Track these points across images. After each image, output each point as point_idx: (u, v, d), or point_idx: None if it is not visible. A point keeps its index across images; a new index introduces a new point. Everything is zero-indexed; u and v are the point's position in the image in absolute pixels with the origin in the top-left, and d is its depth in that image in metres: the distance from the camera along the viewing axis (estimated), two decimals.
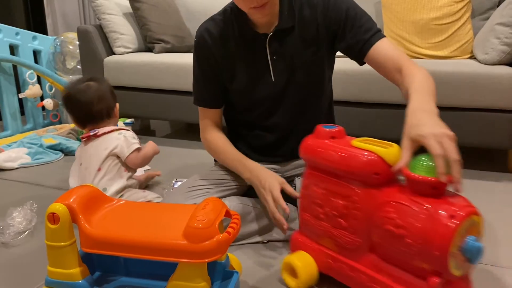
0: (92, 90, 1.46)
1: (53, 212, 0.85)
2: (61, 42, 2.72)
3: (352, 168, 0.89)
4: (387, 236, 0.84)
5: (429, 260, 0.78)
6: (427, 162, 0.81)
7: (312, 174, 1.01)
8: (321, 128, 0.99)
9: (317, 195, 0.99)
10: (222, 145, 1.30)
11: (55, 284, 0.88)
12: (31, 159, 2.03)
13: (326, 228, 0.98)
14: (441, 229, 0.76)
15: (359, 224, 0.90)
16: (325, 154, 0.94)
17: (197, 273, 0.81)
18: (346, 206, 0.92)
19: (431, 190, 0.80)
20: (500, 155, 2.03)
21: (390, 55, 1.12)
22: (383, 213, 0.85)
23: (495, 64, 1.78)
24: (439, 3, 2.02)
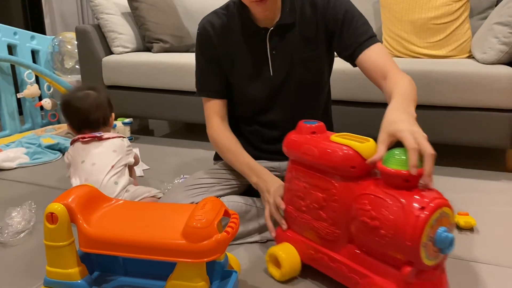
0: (91, 99, 1.52)
1: (52, 212, 0.85)
2: (59, 42, 2.72)
3: (330, 162, 0.93)
4: (363, 228, 0.88)
5: (401, 250, 0.81)
6: (400, 156, 0.83)
7: (294, 168, 1.05)
8: (303, 124, 1.03)
9: (299, 188, 1.03)
10: (229, 144, 1.29)
11: (54, 284, 0.88)
12: (30, 159, 2.02)
13: (308, 220, 1.01)
14: (412, 220, 0.79)
15: (337, 216, 0.94)
16: (305, 149, 0.98)
17: (196, 272, 0.81)
18: (325, 199, 0.96)
19: (403, 183, 0.83)
20: (498, 154, 2.04)
21: (379, 61, 1.16)
22: (359, 205, 0.88)
23: (493, 64, 1.78)
24: (437, 2, 2.02)
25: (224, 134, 1.30)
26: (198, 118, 2.28)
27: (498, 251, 1.20)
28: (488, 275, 1.09)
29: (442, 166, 1.88)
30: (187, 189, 1.25)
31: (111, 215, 0.91)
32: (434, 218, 0.80)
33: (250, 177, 1.23)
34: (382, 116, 1.44)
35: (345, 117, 1.79)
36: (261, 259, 1.16)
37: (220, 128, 1.30)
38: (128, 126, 2.38)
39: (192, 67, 2.19)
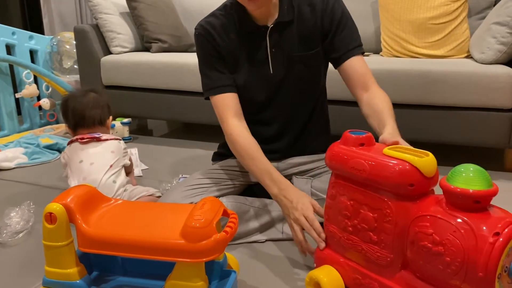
0: (89, 98, 1.55)
1: (50, 212, 0.85)
2: (58, 42, 2.72)
3: (385, 178, 0.82)
4: (423, 253, 0.78)
5: (471, 282, 0.72)
6: (467, 173, 0.75)
7: (339, 183, 0.94)
8: (349, 134, 0.93)
9: (344, 206, 0.92)
10: (249, 148, 1.20)
11: (53, 284, 0.88)
12: (28, 159, 2.02)
13: (355, 242, 0.91)
14: (486, 248, 0.69)
15: (391, 239, 0.84)
16: (354, 163, 0.88)
17: (194, 272, 0.81)
18: (377, 219, 0.86)
19: (472, 204, 0.74)
20: (497, 154, 2.04)
21: (361, 72, 1.23)
22: (419, 228, 0.79)
23: (491, 63, 1.78)
24: (435, 2, 2.03)
25: (243, 135, 1.21)
26: (196, 118, 2.29)
27: None
28: None
29: (440, 166, 1.87)
30: (186, 189, 1.25)
31: (110, 215, 0.91)
32: (510, 245, 0.70)
33: (271, 188, 1.14)
34: None
35: (343, 117, 1.79)
36: (259, 259, 1.17)
37: (239, 128, 1.22)
38: (126, 126, 2.38)
39: (190, 67, 2.20)
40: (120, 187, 1.39)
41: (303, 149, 1.37)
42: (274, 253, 1.20)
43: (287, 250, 1.21)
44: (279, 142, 1.34)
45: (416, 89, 1.81)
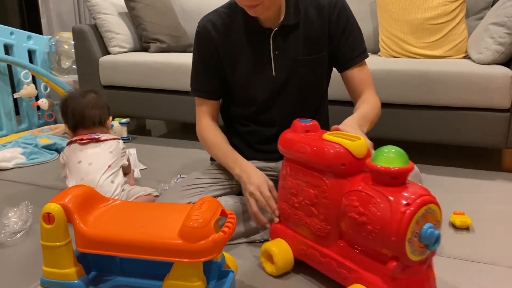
0: (89, 98, 1.56)
1: (48, 212, 0.85)
2: (56, 42, 2.72)
3: (322, 159, 0.95)
4: (352, 223, 0.90)
5: (387, 246, 0.83)
6: (388, 153, 0.85)
7: (288, 165, 1.07)
8: (297, 122, 1.06)
9: (292, 185, 1.05)
10: (216, 140, 1.31)
11: (51, 284, 0.88)
12: (26, 159, 2.02)
13: (301, 217, 1.04)
14: (397, 216, 0.81)
15: (328, 212, 0.96)
16: (298, 147, 1.01)
17: (192, 272, 0.81)
18: (316, 195, 0.98)
19: (391, 180, 0.85)
20: (494, 154, 2.05)
21: (360, 80, 1.28)
22: (348, 201, 0.91)
23: (489, 64, 1.79)
24: (433, 3, 2.03)
25: (212, 130, 1.32)
26: (195, 118, 2.29)
27: (494, 251, 1.20)
28: (484, 274, 1.09)
29: (437, 166, 1.89)
30: (184, 189, 1.25)
31: (108, 215, 0.91)
32: (420, 214, 0.81)
33: (234, 169, 1.24)
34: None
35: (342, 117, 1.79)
36: (258, 259, 1.17)
37: (210, 125, 1.32)
38: (125, 126, 2.38)
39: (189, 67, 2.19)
40: (118, 187, 1.39)
41: None
42: None
43: None
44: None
45: (414, 89, 1.81)
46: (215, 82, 1.30)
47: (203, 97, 1.32)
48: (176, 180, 1.67)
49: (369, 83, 1.29)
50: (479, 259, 1.16)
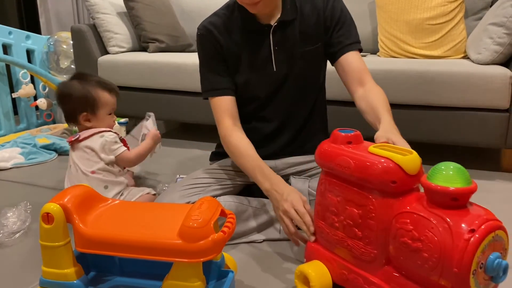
0: (65, 87, 1.40)
1: (48, 212, 0.84)
2: (55, 42, 2.71)
3: (369, 175, 0.84)
4: (404, 249, 0.79)
5: (447, 277, 0.73)
6: (447, 171, 0.76)
7: (327, 180, 0.96)
8: (338, 133, 0.95)
9: (332, 203, 0.94)
10: (243, 148, 1.21)
11: (50, 284, 0.87)
12: (25, 159, 2.02)
13: (341, 238, 0.93)
14: (461, 244, 0.71)
15: (374, 235, 0.86)
16: (341, 160, 0.90)
17: (192, 272, 0.81)
18: (361, 215, 0.87)
19: (451, 202, 0.75)
20: (493, 154, 2.05)
21: (357, 67, 1.24)
22: (400, 224, 0.80)
23: (488, 64, 1.79)
24: (432, 3, 2.03)
25: (237, 136, 1.24)
26: (194, 118, 2.29)
27: None
28: None
29: None
30: (184, 189, 1.25)
31: (107, 215, 0.91)
32: (486, 242, 0.71)
33: (263, 184, 1.14)
34: None
35: (342, 117, 1.79)
36: (257, 259, 1.17)
37: (234, 129, 1.24)
38: (124, 126, 2.38)
39: (188, 67, 2.20)
40: (111, 192, 1.35)
41: (301, 147, 1.37)
42: (271, 253, 1.20)
43: (284, 250, 1.21)
44: (278, 139, 1.35)
45: (413, 89, 1.81)
46: (227, 78, 1.28)
47: (219, 94, 1.27)
48: (176, 180, 1.66)
49: (367, 73, 1.25)
50: None
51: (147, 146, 1.49)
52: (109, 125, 1.44)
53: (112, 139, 1.39)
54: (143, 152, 1.47)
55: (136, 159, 1.45)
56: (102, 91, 1.41)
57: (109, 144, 1.38)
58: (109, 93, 1.42)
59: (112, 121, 1.46)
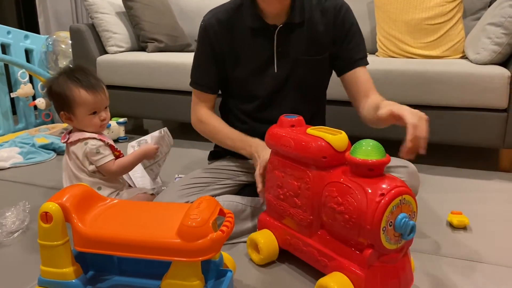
0: (52, 83, 1.31)
1: (46, 211, 0.84)
2: (54, 41, 2.71)
3: (305, 152, 0.99)
4: (331, 213, 0.94)
5: (363, 234, 0.87)
6: (366, 146, 0.89)
7: (275, 159, 1.10)
8: (283, 118, 1.10)
9: (278, 178, 1.09)
10: (218, 125, 1.32)
11: (48, 283, 0.88)
12: (23, 159, 2.01)
13: (285, 208, 1.08)
14: (372, 206, 0.85)
15: (310, 203, 1.00)
16: (284, 141, 1.05)
17: (191, 271, 0.81)
18: (300, 187, 1.02)
19: (368, 172, 0.89)
20: (491, 154, 2.05)
21: (366, 82, 1.28)
22: (328, 192, 0.95)
23: (486, 64, 1.79)
24: (431, 3, 2.04)
25: (212, 117, 1.34)
26: None
27: (491, 250, 1.21)
28: (482, 274, 1.09)
29: (435, 166, 1.89)
30: (182, 188, 1.25)
31: (105, 214, 0.91)
32: (394, 204, 0.85)
33: (245, 149, 1.25)
34: None
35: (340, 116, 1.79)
36: None
37: (208, 113, 1.34)
38: (122, 126, 2.38)
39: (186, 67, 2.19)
40: (104, 191, 1.31)
41: None
42: None
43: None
44: None
45: (411, 89, 1.81)
46: (214, 77, 1.32)
47: (202, 90, 1.34)
48: (174, 180, 1.66)
49: (373, 85, 1.29)
50: (477, 259, 1.16)
51: (133, 159, 1.36)
52: (94, 125, 1.32)
53: (93, 149, 1.29)
54: (128, 165, 1.35)
55: (119, 171, 1.34)
56: (80, 89, 1.28)
57: (90, 154, 1.29)
58: (87, 91, 1.29)
59: (99, 120, 1.32)
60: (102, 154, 1.30)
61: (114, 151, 1.35)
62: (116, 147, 1.36)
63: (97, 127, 1.33)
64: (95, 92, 1.32)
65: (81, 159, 1.30)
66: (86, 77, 1.32)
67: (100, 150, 1.30)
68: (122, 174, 1.40)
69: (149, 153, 1.40)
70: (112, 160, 1.32)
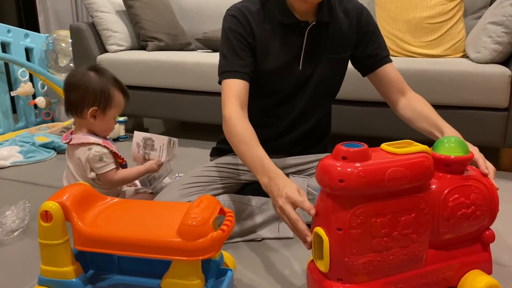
0: (79, 76, 1.29)
1: (46, 210, 0.84)
2: (54, 40, 2.71)
3: (421, 174, 0.85)
4: (462, 220, 0.91)
5: (492, 219, 0.96)
6: (452, 143, 0.93)
7: (367, 208, 0.83)
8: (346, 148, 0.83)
9: (380, 225, 0.84)
10: (247, 135, 1.12)
11: (48, 282, 0.87)
12: (23, 158, 2.01)
13: (396, 255, 0.87)
14: (493, 190, 0.96)
15: (428, 229, 0.89)
16: (393, 173, 0.82)
17: (191, 270, 0.81)
18: (416, 218, 0.86)
19: (461, 167, 0.93)
20: (492, 153, 2.05)
21: (397, 77, 1.30)
22: (452, 203, 0.89)
23: (487, 63, 1.79)
24: (431, 2, 2.03)
25: (241, 121, 1.14)
26: (193, 116, 2.29)
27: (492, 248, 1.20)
28: None
29: None
30: (183, 187, 1.25)
31: (106, 213, 0.91)
32: None
33: (261, 177, 1.04)
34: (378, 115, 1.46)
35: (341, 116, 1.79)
36: (256, 257, 1.17)
37: (239, 114, 1.15)
38: (122, 125, 2.38)
39: (186, 65, 2.19)
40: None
41: (305, 149, 1.37)
42: (270, 251, 1.20)
43: (283, 248, 1.21)
44: (286, 137, 1.35)
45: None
46: (247, 62, 1.22)
47: (232, 77, 1.19)
48: (174, 178, 1.66)
49: (404, 82, 1.32)
50: None
51: (136, 174, 1.36)
52: (111, 129, 1.36)
53: (96, 156, 1.26)
54: (130, 178, 1.36)
55: (120, 182, 1.33)
56: (118, 92, 1.32)
57: (93, 160, 1.27)
58: (124, 96, 1.34)
59: (114, 124, 1.37)
60: (105, 163, 1.28)
61: (117, 158, 1.34)
62: (120, 155, 1.35)
63: (111, 130, 1.37)
64: (127, 98, 1.37)
65: (84, 165, 1.28)
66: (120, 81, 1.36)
67: (104, 158, 1.28)
68: (121, 185, 1.37)
69: (151, 170, 1.41)
70: (114, 169, 1.30)
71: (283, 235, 1.25)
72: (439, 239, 0.92)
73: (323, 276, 0.89)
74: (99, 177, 1.29)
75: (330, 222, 0.84)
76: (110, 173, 1.29)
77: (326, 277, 0.88)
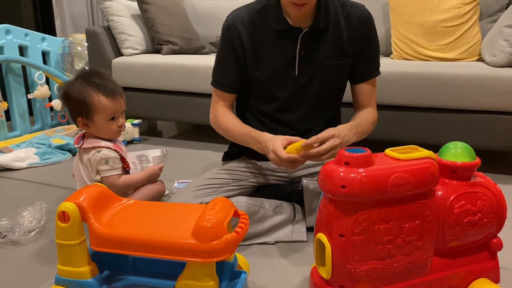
0: (64, 89, 1.30)
1: (64, 211, 0.85)
2: (70, 43, 2.74)
3: (427, 179, 0.83)
4: (468, 228, 0.88)
5: (500, 226, 0.93)
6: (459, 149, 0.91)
7: (369, 214, 0.82)
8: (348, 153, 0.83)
9: (384, 232, 0.83)
10: (231, 123, 1.32)
11: (65, 282, 0.89)
12: (40, 159, 2.04)
13: (400, 262, 0.86)
14: (501, 197, 0.92)
15: (431, 236, 0.87)
16: (397, 179, 0.81)
17: (205, 272, 0.81)
18: (421, 224, 0.85)
19: (468, 173, 0.91)
20: (508, 157, 2.02)
21: (367, 95, 1.34)
22: (457, 209, 0.87)
23: (503, 67, 1.77)
24: (447, 5, 2.02)
25: (227, 115, 1.33)
26: (206, 119, 2.28)
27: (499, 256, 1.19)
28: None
29: None
30: (197, 189, 1.26)
31: (122, 214, 0.91)
32: None
33: (255, 145, 1.24)
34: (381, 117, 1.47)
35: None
36: (269, 260, 1.17)
37: (225, 111, 1.34)
38: (137, 127, 2.40)
39: (200, 69, 2.21)
40: None
41: None
42: (283, 254, 1.20)
43: (296, 251, 1.21)
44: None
45: (426, 92, 1.80)
46: (235, 77, 1.32)
47: (222, 90, 1.34)
48: (174, 186, 1.65)
49: (374, 100, 1.35)
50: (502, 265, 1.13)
51: (140, 179, 1.37)
52: (111, 131, 1.33)
53: (103, 158, 1.28)
54: (134, 184, 1.37)
55: (124, 187, 1.33)
56: (100, 95, 1.28)
57: (98, 162, 1.28)
58: (107, 98, 1.29)
59: (116, 126, 1.33)
60: (110, 167, 1.29)
61: (123, 163, 1.36)
62: (126, 160, 1.37)
63: (114, 133, 1.34)
64: (115, 97, 1.32)
65: (91, 166, 1.31)
66: (104, 82, 1.31)
67: (110, 161, 1.29)
68: (124, 191, 1.35)
69: (154, 175, 1.43)
70: (118, 175, 1.32)
71: (296, 238, 1.25)
72: (444, 246, 0.90)
73: (325, 283, 0.88)
74: (103, 180, 1.30)
75: (332, 228, 0.83)
76: (113, 177, 1.31)
77: (328, 284, 0.87)
